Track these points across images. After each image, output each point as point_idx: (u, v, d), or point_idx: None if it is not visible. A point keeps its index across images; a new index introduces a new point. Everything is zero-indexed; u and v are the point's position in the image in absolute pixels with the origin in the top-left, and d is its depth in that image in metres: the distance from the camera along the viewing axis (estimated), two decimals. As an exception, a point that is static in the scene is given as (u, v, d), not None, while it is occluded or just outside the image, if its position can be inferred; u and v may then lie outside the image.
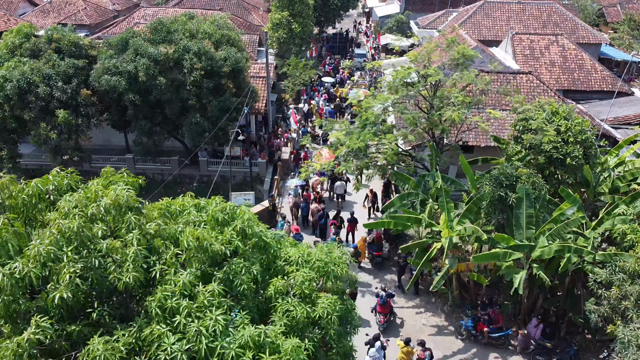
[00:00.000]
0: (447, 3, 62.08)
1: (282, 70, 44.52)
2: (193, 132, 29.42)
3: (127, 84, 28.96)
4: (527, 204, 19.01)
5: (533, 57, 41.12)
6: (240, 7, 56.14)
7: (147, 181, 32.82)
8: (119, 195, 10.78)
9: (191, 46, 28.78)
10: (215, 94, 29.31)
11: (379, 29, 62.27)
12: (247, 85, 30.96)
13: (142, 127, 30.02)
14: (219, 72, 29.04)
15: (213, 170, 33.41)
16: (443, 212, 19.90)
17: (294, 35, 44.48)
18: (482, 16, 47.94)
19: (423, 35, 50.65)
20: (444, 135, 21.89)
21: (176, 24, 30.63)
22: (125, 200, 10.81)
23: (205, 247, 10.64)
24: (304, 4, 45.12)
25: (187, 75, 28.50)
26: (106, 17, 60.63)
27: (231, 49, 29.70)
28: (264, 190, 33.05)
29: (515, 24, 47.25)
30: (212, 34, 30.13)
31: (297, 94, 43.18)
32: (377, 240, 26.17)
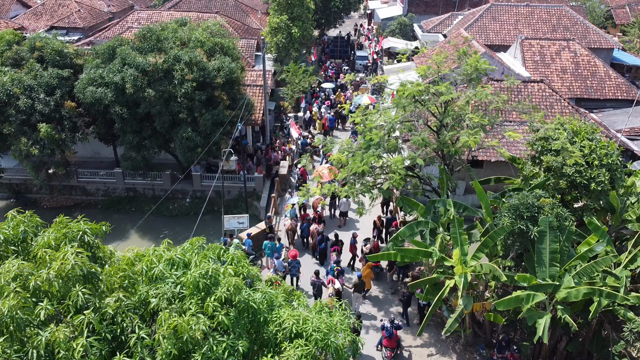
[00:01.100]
0: (451, 5, 59.81)
1: (280, 76, 42.33)
2: (184, 148, 27.29)
3: (113, 96, 26.84)
4: (550, 237, 16.87)
5: (543, 64, 38.91)
6: (238, 9, 53.92)
7: (135, 197, 30.57)
8: (65, 263, 8.64)
9: (182, 56, 26.61)
10: (208, 107, 27.16)
11: (381, 31, 60.04)
12: (243, 96, 28.80)
13: (130, 141, 27.89)
14: (212, 83, 26.90)
15: (207, 185, 31.30)
16: (456, 246, 17.78)
17: (293, 39, 42.27)
18: (488, 20, 45.70)
19: (427, 39, 48.47)
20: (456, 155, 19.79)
21: (166, 32, 28.47)
22: (74, 270, 8.65)
23: (182, 336, 8.53)
24: (304, 7, 42.90)
25: (177, 87, 26.34)
26: (101, 20, 58.43)
27: (225, 58, 27.53)
28: (260, 207, 30.90)
29: (523, 28, 45.02)
30: (204, 42, 27.96)
31: (296, 101, 41.01)
32: (374, 250, 24.26)
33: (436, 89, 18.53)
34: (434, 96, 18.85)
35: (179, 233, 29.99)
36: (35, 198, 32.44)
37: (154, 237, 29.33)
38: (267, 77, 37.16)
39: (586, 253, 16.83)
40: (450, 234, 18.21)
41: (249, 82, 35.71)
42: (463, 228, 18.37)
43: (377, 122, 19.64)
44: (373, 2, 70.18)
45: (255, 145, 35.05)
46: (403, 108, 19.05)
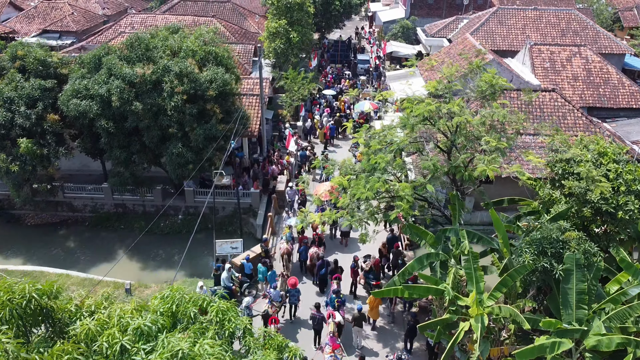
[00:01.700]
0: (455, 8, 57.88)
1: (279, 83, 40.41)
2: (174, 164, 25.37)
3: (99, 109, 24.93)
4: (577, 276, 14.97)
5: (554, 71, 36.97)
6: (235, 12, 51.99)
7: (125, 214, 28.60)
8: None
9: (172, 66, 24.69)
10: (200, 121, 25.24)
11: (383, 34, 58.10)
12: (237, 109, 26.87)
13: (118, 157, 25.97)
14: (204, 95, 24.98)
15: (200, 201, 29.40)
16: (471, 283, 15.89)
17: (292, 45, 40.35)
18: (495, 24, 43.76)
19: (431, 44, 46.54)
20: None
21: (156, 40, 26.54)
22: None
23: None
24: (303, 12, 40.97)
25: (167, 100, 24.42)
26: (94, 23, 56.48)
27: (218, 69, 25.60)
28: (256, 225, 28.98)
29: (531, 33, 43.08)
30: (196, 51, 26.02)
31: (295, 109, 39.10)
32: (375, 268, 22.56)
33: (448, 108, 16.63)
34: (447, 117, 16.94)
35: (171, 253, 28.08)
36: (19, 214, 30.52)
37: (144, 257, 27.41)
38: (264, 85, 35.26)
39: (618, 295, 14.94)
40: (464, 268, 16.32)
41: (245, 90, 33.82)
42: (478, 260, 16.49)
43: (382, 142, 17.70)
44: (374, 4, 68.23)
45: (252, 157, 33.13)
46: (411, 128, 17.15)
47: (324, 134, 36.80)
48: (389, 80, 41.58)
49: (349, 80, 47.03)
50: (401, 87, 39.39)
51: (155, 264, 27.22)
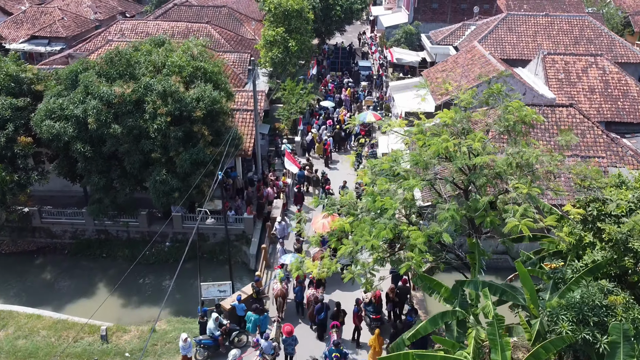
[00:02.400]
0: (460, 12, 55.17)
1: (276, 95, 37.82)
2: (158, 192, 22.79)
3: (74, 132, 22.37)
4: (625, 350, 12.41)
5: (569, 82, 34.36)
6: (231, 18, 49.35)
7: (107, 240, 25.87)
8: None
9: (154, 85, 22.08)
10: (186, 144, 22.66)
11: (385, 40, 55.45)
12: (228, 129, 24.26)
13: (96, 183, 23.39)
14: (191, 116, 22.40)
15: (189, 226, 26.82)
16: (495, 351, 13.31)
17: (290, 54, 37.73)
18: (504, 31, 41.11)
19: (437, 51, 43.92)
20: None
21: (138, 54, 23.92)
22: None
23: None
24: (302, 19, 38.33)
25: (149, 122, 21.85)
26: (86, 28, 53.91)
27: (207, 86, 22.98)
28: (250, 255, 26.42)
29: (543, 41, 40.43)
30: (183, 66, 23.40)
31: (293, 123, 36.49)
32: (375, 301, 20.33)
33: (468, 144, 14.04)
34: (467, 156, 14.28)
35: (156, 286, 25.53)
36: (-7, 241, 28.00)
37: (126, 291, 24.75)
38: (260, 98, 32.70)
39: (676, 376, 12.37)
40: (488, 333, 13.73)
41: (240, 104, 31.26)
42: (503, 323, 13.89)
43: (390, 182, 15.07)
44: (376, 8, 65.58)
45: (247, 177, 30.51)
46: (424, 165, 14.57)
47: (325, 149, 34.18)
48: (392, 91, 38.97)
49: (350, 89, 44.41)
50: (406, 100, 36.90)
51: (138, 299, 24.63)
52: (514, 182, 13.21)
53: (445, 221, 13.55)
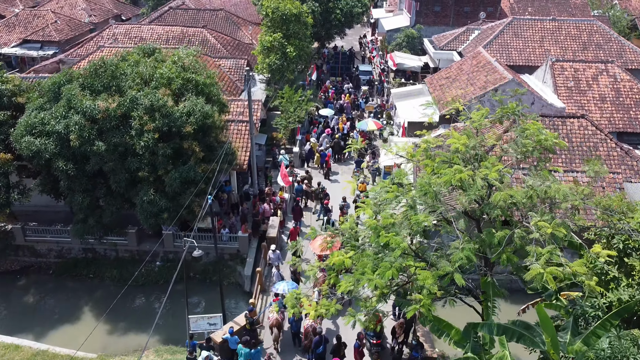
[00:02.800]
0: (463, 15, 53.58)
1: (273, 103, 36.25)
2: (146, 213, 21.24)
3: (56, 148, 20.81)
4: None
5: (578, 91, 32.78)
6: (228, 22, 47.75)
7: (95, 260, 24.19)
8: None
9: (141, 99, 20.52)
10: (176, 161, 21.11)
11: (386, 43, 53.85)
12: (222, 143, 22.68)
13: (80, 203, 21.83)
14: (180, 132, 20.84)
15: (181, 245, 25.25)
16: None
17: (288, 60, 36.15)
18: (510, 36, 39.52)
19: (440, 57, 42.32)
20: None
21: (125, 65, 22.35)
22: None
23: None
24: (301, 23, 36.74)
25: (135, 139, 20.30)
26: (80, 32, 52.28)
27: (198, 100, 21.41)
28: (244, 276, 24.88)
29: (550, 46, 38.85)
30: (173, 78, 21.82)
31: (291, 132, 34.91)
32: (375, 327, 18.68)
33: (484, 174, 12.43)
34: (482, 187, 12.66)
35: (145, 310, 23.97)
36: (-26, 261, 26.45)
37: (113, 317, 23.10)
38: (257, 108, 31.14)
39: None
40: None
41: (235, 114, 29.72)
42: None
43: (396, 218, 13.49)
44: (377, 10, 63.97)
45: (242, 190, 28.98)
46: (434, 197, 12.96)
47: (325, 161, 32.58)
48: (394, 99, 37.39)
49: (350, 95, 42.85)
50: (409, 109, 35.32)
51: (125, 325, 23.05)
52: (535, 220, 11.65)
53: (458, 261, 11.98)
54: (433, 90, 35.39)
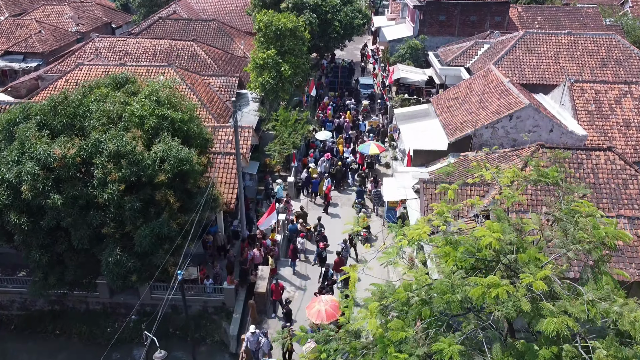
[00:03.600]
0: (469, 25, 50.24)
1: (266, 126, 33.05)
2: (112, 274, 18.06)
3: (8, 199, 17.62)
4: None
5: (600, 115, 29.55)
6: (220, 33, 44.45)
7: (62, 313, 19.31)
8: None
9: (105, 143, 17.32)
10: (147, 214, 17.91)
11: (388, 55, 50.55)
12: (203, 189, 19.45)
13: (37, 260, 18.64)
14: (152, 181, 17.65)
15: (159, 296, 22.08)
16: None
17: (283, 79, 32.93)
18: (522, 51, 36.25)
19: (447, 74, 39.05)
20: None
21: (90, 100, 19.11)
22: None
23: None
24: (297, 38, 33.51)
25: (98, 191, 17.11)
26: (66, 42, 48.96)
27: (173, 142, 18.19)
28: (230, 335, 21.70)
29: (566, 63, 35.58)
30: (145, 116, 18.61)
31: (286, 158, 31.69)
32: None
33: (526, 283, 9.25)
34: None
35: (116, 376, 20.81)
36: None
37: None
38: (248, 135, 27.96)
39: None
40: None
41: (223, 143, 26.59)
42: None
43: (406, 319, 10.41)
44: (378, 18, 60.61)
45: (230, 229, 25.81)
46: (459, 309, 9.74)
47: (326, 193, 29.32)
48: (398, 120, 34.11)
49: (351, 113, 39.64)
50: (414, 133, 32.09)
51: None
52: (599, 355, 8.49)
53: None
54: (440, 112, 32.14)
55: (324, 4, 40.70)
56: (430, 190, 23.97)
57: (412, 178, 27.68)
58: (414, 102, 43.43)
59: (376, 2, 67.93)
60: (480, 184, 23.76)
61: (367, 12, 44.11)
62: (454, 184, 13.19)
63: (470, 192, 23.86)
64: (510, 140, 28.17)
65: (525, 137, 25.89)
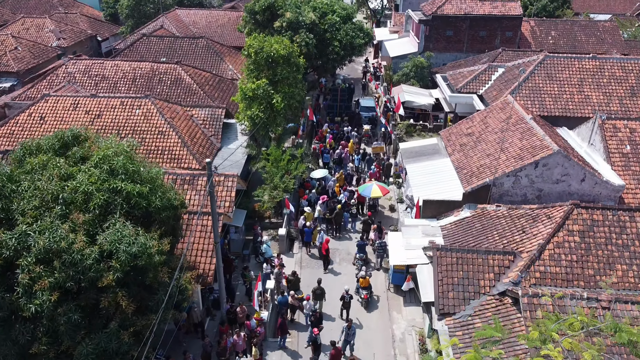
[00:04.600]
0: (478, 41, 46.03)
1: (256, 165, 28.91)
2: (47, 401, 13.94)
3: None
4: None
5: (637, 158, 25.38)
6: (209, 52, 40.18)
7: None
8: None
9: (34, 237, 13.17)
10: (90, 325, 13.78)
11: (391, 72, 46.34)
12: (165, 284, 15.29)
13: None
14: (96, 284, 13.51)
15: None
16: None
17: (275, 112, 28.76)
18: (543, 78, 32.01)
19: (457, 101, 34.86)
20: None
21: (21, 173, 14.92)
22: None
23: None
24: (291, 65, 29.26)
25: (23, 300, 12.99)
26: (45, 59, 44.62)
27: (126, 228, 14.04)
28: None
29: (592, 92, 31.35)
30: (92, 192, 14.44)
31: (278, 203, 27.53)
32: None
33: None
34: None
35: None
36: None
37: None
38: (232, 184, 23.85)
39: None
40: None
41: (202, 192, 22.50)
42: None
43: None
44: (380, 30, 56.29)
45: (209, 300, 21.70)
46: None
47: (326, 249, 25.17)
48: (403, 158, 29.91)
49: (354, 140, 35.51)
50: (423, 176, 27.98)
51: None
52: None
53: None
54: (452, 151, 27.97)
55: (322, 22, 36.46)
56: (445, 260, 19.87)
57: (422, 234, 23.59)
58: (420, 128, 39.33)
59: (377, 11, 63.58)
60: (504, 252, 19.72)
61: (369, 29, 39.83)
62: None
63: (493, 261, 19.80)
64: (535, 190, 24.03)
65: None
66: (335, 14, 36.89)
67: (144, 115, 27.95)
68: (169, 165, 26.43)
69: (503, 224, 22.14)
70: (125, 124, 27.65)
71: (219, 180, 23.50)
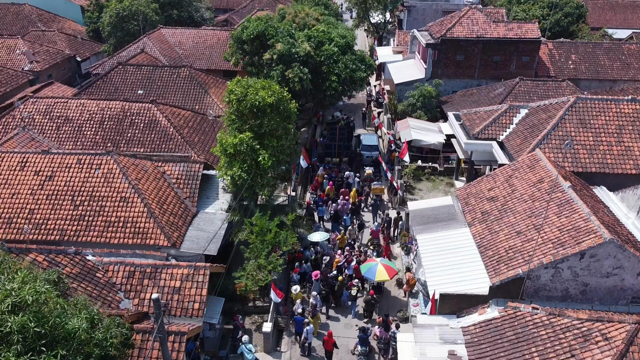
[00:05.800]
0: (491, 67, 40.90)
1: (238, 235, 23.88)
2: None
3: None
4: None
5: (701, 239, 20.35)
6: (192, 83, 34.94)
7: None
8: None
9: None
10: None
11: (395, 101, 41.25)
12: None
13: None
14: None
15: None
16: None
17: (261, 170, 23.72)
18: (575, 125, 26.88)
19: (473, 149, 29.73)
20: None
21: None
22: None
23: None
24: (281, 113, 24.15)
25: None
26: (14, 85, 39.43)
27: None
28: None
29: (633, 142, 26.17)
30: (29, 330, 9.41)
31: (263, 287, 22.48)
32: None
33: None
34: None
35: None
36: None
37: None
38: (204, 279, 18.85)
39: None
40: None
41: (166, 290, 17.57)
42: None
43: None
44: (382, 49, 51.09)
45: None
46: None
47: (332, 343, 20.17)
48: (413, 225, 24.81)
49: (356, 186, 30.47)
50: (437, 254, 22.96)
51: None
52: None
53: None
54: (472, 220, 22.89)
55: (317, 53, 31.27)
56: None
57: (440, 339, 18.62)
58: (429, 171, 34.34)
59: (380, 26, 58.33)
60: None
61: (371, 61, 34.68)
62: None
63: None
64: (579, 285, 19.00)
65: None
66: (333, 44, 31.67)
67: (104, 177, 22.95)
68: (132, 242, 21.49)
69: (544, 337, 17.09)
70: (82, 188, 22.66)
71: (187, 273, 18.50)
